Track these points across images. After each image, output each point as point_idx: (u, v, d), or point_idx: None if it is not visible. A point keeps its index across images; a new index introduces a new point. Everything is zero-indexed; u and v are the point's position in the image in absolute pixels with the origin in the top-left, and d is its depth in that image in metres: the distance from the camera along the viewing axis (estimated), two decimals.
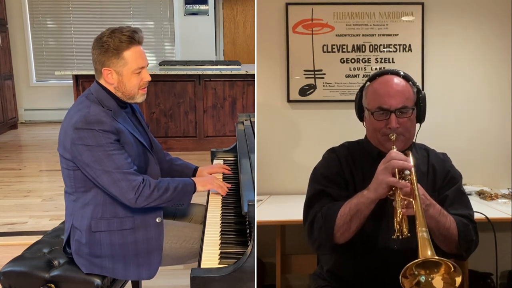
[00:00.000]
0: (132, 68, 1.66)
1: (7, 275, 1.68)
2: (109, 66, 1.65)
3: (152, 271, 1.70)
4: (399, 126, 1.38)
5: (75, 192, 1.69)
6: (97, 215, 1.66)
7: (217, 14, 7.64)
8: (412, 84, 1.43)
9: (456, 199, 1.44)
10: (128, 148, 1.67)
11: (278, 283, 2.30)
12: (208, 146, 5.26)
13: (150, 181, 1.65)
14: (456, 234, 1.35)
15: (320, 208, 1.40)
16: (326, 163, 1.50)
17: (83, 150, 1.58)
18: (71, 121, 1.62)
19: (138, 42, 1.67)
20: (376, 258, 1.41)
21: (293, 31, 2.68)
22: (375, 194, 1.29)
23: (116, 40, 1.62)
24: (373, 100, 1.42)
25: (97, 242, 1.66)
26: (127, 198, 1.60)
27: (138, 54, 1.67)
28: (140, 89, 1.71)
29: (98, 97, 1.67)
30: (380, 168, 1.29)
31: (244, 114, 2.72)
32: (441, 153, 1.54)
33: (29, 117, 7.26)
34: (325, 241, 1.36)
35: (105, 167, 1.58)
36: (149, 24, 7.28)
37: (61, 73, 5.31)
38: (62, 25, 7.21)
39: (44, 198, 3.89)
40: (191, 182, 1.80)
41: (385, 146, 1.42)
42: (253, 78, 5.27)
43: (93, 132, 1.58)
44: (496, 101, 2.70)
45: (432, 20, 2.68)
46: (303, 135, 2.72)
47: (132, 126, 1.76)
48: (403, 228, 1.23)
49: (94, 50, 1.67)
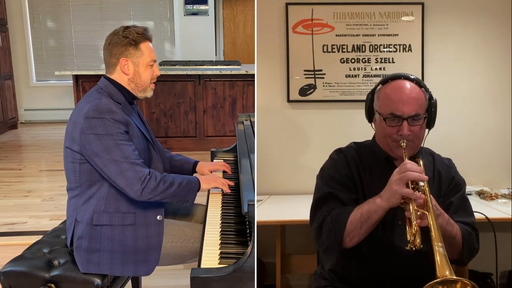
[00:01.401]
0: (147, 60, 1.75)
1: (7, 275, 1.68)
2: (127, 56, 1.73)
3: (149, 268, 1.71)
4: (410, 134, 1.37)
5: (79, 187, 1.70)
6: (99, 209, 1.67)
7: (217, 14, 7.64)
8: (425, 90, 1.42)
9: (460, 206, 1.45)
10: (136, 142, 1.70)
11: (278, 283, 2.30)
12: (208, 146, 5.27)
13: (156, 174, 1.67)
14: (460, 242, 1.36)
15: (329, 210, 1.39)
16: (335, 164, 1.48)
17: (93, 139, 1.61)
18: (82, 111, 1.65)
19: (149, 38, 1.79)
20: (382, 263, 1.41)
21: (293, 31, 2.68)
22: (388, 204, 1.28)
23: (134, 32, 1.72)
24: (386, 105, 1.40)
25: (98, 236, 1.67)
26: (133, 189, 1.61)
27: (151, 48, 1.78)
28: (151, 82, 1.80)
29: (108, 91, 1.73)
30: (395, 178, 1.27)
31: (244, 114, 2.72)
32: (446, 159, 1.53)
33: (29, 117, 7.26)
34: (333, 244, 1.35)
35: (114, 156, 1.60)
36: (149, 24, 7.28)
37: (61, 73, 5.31)
38: (62, 25, 7.21)
39: (44, 198, 3.89)
40: (196, 179, 1.81)
41: (394, 152, 1.42)
42: (253, 78, 5.27)
43: (104, 120, 1.62)
44: (496, 101, 2.70)
45: (432, 20, 2.68)
46: (303, 135, 2.72)
47: (139, 121, 1.81)
48: (417, 240, 1.23)
49: (109, 45, 1.74)
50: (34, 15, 7.15)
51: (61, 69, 5.56)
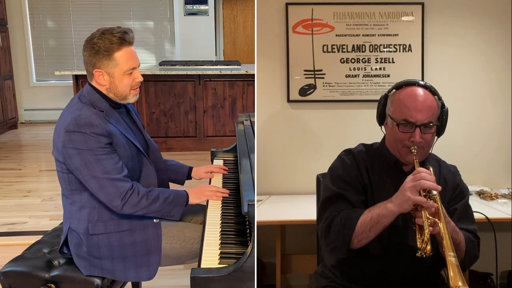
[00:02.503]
0: (124, 69, 1.65)
1: (7, 275, 1.68)
2: (100, 68, 1.63)
3: (151, 272, 1.70)
4: (422, 141, 1.39)
5: (71, 195, 1.69)
6: (93, 218, 1.66)
7: (217, 14, 7.64)
8: (438, 98, 1.44)
9: (463, 213, 1.47)
10: (121, 150, 1.66)
11: (278, 283, 2.30)
12: (208, 146, 5.27)
13: (139, 189, 1.64)
14: (463, 250, 1.38)
15: (337, 211, 1.40)
16: (344, 165, 1.49)
17: (73, 154, 1.58)
18: (64, 123, 1.61)
19: (129, 42, 1.65)
20: (388, 263, 1.42)
21: (293, 31, 2.68)
22: (399, 209, 1.29)
23: (107, 41, 1.60)
24: (399, 111, 1.41)
25: (96, 245, 1.66)
26: (113, 205, 1.60)
27: (129, 54, 1.65)
28: (132, 89, 1.70)
29: (90, 98, 1.66)
30: (408, 185, 1.28)
31: (244, 114, 2.72)
32: (452, 166, 1.55)
33: (29, 117, 7.26)
34: (341, 245, 1.36)
35: (93, 172, 1.58)
36: (149, 24, 7.28)
37: (61, 73, 5.31)
38: (62, 25, 7.20)
39: (44, 198, 3.89)
40: (184, 193, 1.77)
41: (404, 157, 1.43)
42: (253, 78, 5.27)
43: (84, 135, 1.57)
44: (496, 101, 2.70)
45: (432, 20, 2.68)
46: (303, 135, 2.72)
47: (125, 127, 1.74)
48: (427, 247, 1.24)
49: (84, 52, 1.65)
50: (34, 15, 7.15)
51: (61, 69, 5.56)
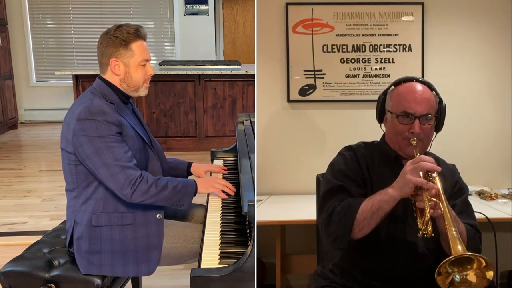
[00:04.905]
0: (138, 60, 1.73)
1: (7, 275, 1.68)
2: (117, 57, 1.71)
3: (151, 268, 1.71)
4: (421, 132, 1.41)
5: (77, 188, 1.70)
6: (98, 210, 1.67)
7: (217, 14, 7.64)
8: (436, 93, 1.47)
9: (464, 209, 1.48)
10: (130, 142, 1.69)
11: (278, 283, 2.31)
12: (208, 146, 5.27)
13: (148, 177, 1.66)
14: (465, 240, 1.38)
15: (339, 202, 1.41)
16: (345, 160, 1.51)
17: (84, 141, 1.61)
18: (75, 113, 1.65)
19: (143, 37, 1.77)
20: (388, 256, 1.43)
21: (293, 31, 2.68)
22: (400, 193, 1.30)
23: (124, 32, 1.70)
24: (399, 104, 1.44)
25: (98, 237, 1.67)
26: (122, 192, 1.61)
27: (144, 47, 1.76)
28: (144, 82, 1.78)
29: (101, 91, 1.72)
30: (408, 168, 1.30)
31: (244, 114, 2.72)
32: (451, 164, 1.57)
33: (29, 117, 7.26)
34: (342, 234, 1.36)
35: (104, 159, 1.60)
36: (149, 24, 7.28)
37: (61, 73, 5.31)
38: (62, 25, 7.21)
39: (44, 198, 3.89)
40: (193, 183, 1.79)
41: (404, 150, 1.44)
42: (253, 78, 5.27)
43: (95, 122, 1.61)
44: (496, 101, 2.70)
45: (432, 20, 2.68)
46: (303, 135, 2.72)
47: (134, 121, 1.80)
48: (428, 228, 1.25)
49: (101, 44, 1.73)
50: (34, 15, 7.15)
51: (61, 69, 5.56)
